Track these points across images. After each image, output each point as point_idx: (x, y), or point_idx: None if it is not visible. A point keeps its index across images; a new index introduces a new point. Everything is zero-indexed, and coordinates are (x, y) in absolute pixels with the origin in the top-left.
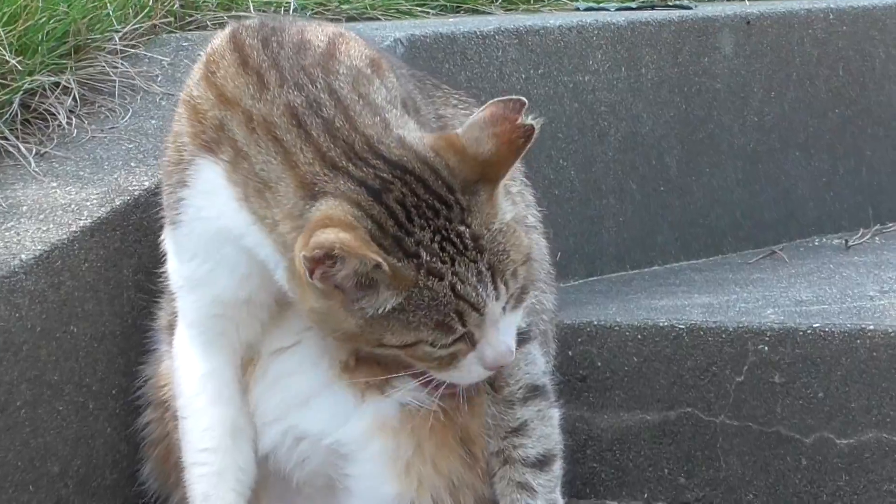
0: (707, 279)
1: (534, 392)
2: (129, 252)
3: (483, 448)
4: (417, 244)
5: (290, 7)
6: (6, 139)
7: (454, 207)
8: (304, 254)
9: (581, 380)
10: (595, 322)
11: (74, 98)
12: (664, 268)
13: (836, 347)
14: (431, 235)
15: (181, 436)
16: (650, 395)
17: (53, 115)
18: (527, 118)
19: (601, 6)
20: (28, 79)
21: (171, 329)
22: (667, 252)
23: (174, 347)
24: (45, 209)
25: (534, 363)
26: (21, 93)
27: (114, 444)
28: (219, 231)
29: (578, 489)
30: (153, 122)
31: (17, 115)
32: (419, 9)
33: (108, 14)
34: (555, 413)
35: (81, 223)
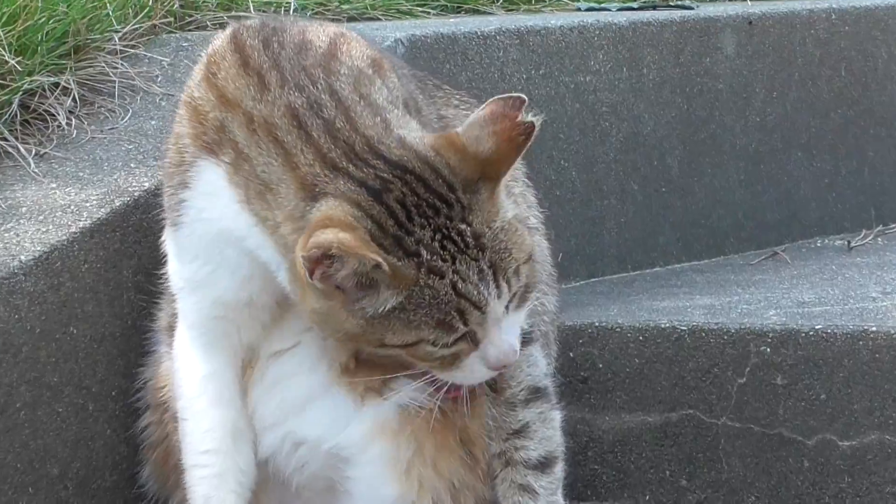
0: (709, 280)
1: (535, 394)
2: (129, 253)
3: (484, 450)
4: (418, 243)
5: (291, 7)
6: (5, 140)
7: (455, 206)
8: (304, 254)
9: (582, 381)
10: (596, 323)
11: (74, 99)
12: (666, 269)
13: (839, 349)
14: (432, 234)
15: (181, 437)
16: (652, 397)
17: (53, 116)
18: (527, 115)
19: (602, 6)
20: (27, 79)
21: (171, 330)
22: (668, 253)
23: (174, 349)
24: (45, 210)
25: (535, 365)
26: (20, 93)
27: (113, 446)
28: (220, 233)
29: (580, 491)
30: (153, 123)
31: (17, 116)
32: (420, 9)
33: (108, 14)
34: (556, 415)
35: (81, 224)
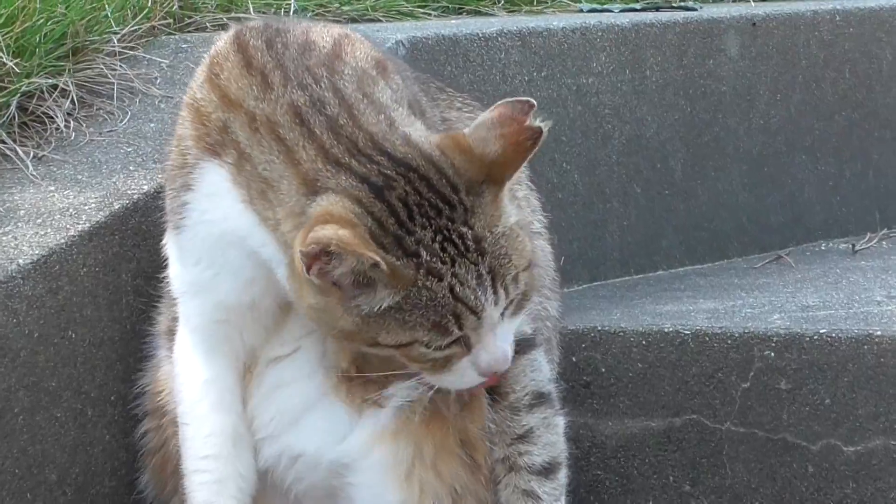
0: (712, 284)
1: (539, 399)
2: (128, 257)
3: (486, 455)
4: (418, 243)
5: (291, 9)
6: (3, 142)
7: (457, 208)
8: (302, 249)
9: (585, 386)
10: (599, 328)
11: (72, 101)
12: (669, 273)
13: (843, 353)
14: (433, 235)
15: (181, 442)
16: (655, 402)
17: (51, 118)
18: (535, 120)
19: (605, 8)
20: (25, 81)
21: (171, 335)
22: (671, 257)
23: (175, 353)
24: (43, 213)
25: (539, 370)
26: (18, 95)
27: (112, 452)
28: (223, 234)
29: (583, 497)
30: (152, 125)
31: (15, 118)
32: (421, 10)
33: (107, 16)
34: (560, 421)
35: (80, 227)
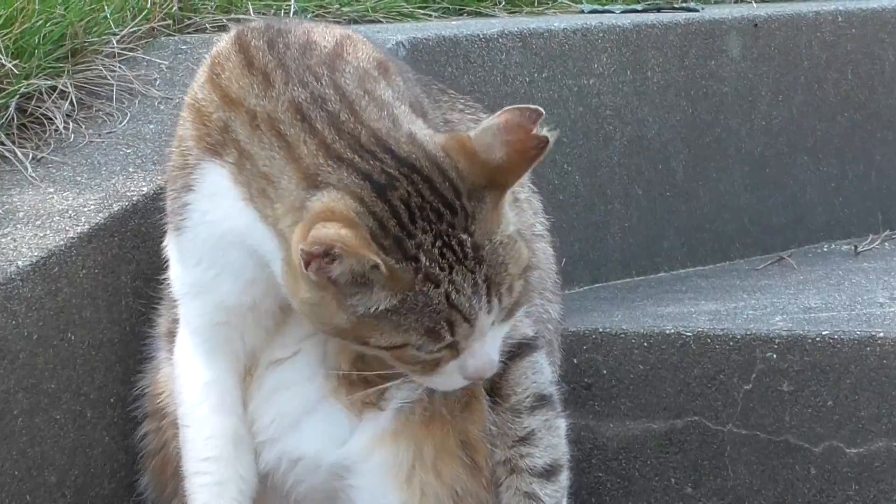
0: (714, 286)
1: (541, 401)
2: (128, 258)
3: (487, 457)
4: (418, 247)
5: (291, 10)
6: (2, 144)
7: (459, 213)
8: (303, 247)
9: (586, 388)
10: (600, 329)
11: (71, 102)
12: (670, 274)
13: (846, 355)
14: (433, 240)
15: (182, 444)
16: (656, 404)
17: (50, 120)
18: (542, 129)
19: (606, 8)
20: (24, 83)
21: (171, 336)
22: (673, 258)
23: (176, 355)
24: (42, 215)
25: (541, 372)
26: (17, 97)
27: (112, 454)
28: (224, 234)
29: (584, 499)
30: (151, 127)
31: (14, 120)
32: (421, 11)
33: (106, 17)
34: (562, 423)
35: (79, 229)
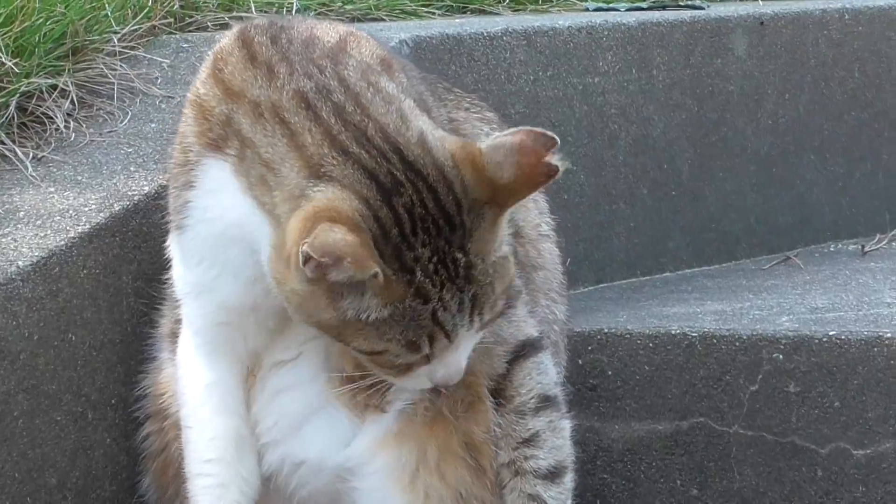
0: (720, 286)
1: (545, 403)
2: (129, 258)
3: (491, 459)
4: (416, 261)
5: (294, 7)
6: (2, 143)
7: (457, 229)
8: (310, 252)
9: (591, 389)
10: (605, 330)
11: (72, 101)
12: (676, 274)
13: (853, 356)
14: (430, 255)
15: (184, 446)
16: (662, 405)
17: (51, 119)
18: (554, 157)
19: (611, 6)
20: (25, 81)
21: (174, 337)
22: (678, 258)
23: (178, 355)
24: (43, 215)
25: (545, 373)
26: (18, 96)
27: (113, 456)
28: (224, 231)
29: (589, 501)
30: (153, 126)
31: (14, 119)
32: (424, 9)
33: (107, 15)
34: (566, 424)
35: (80, 229)
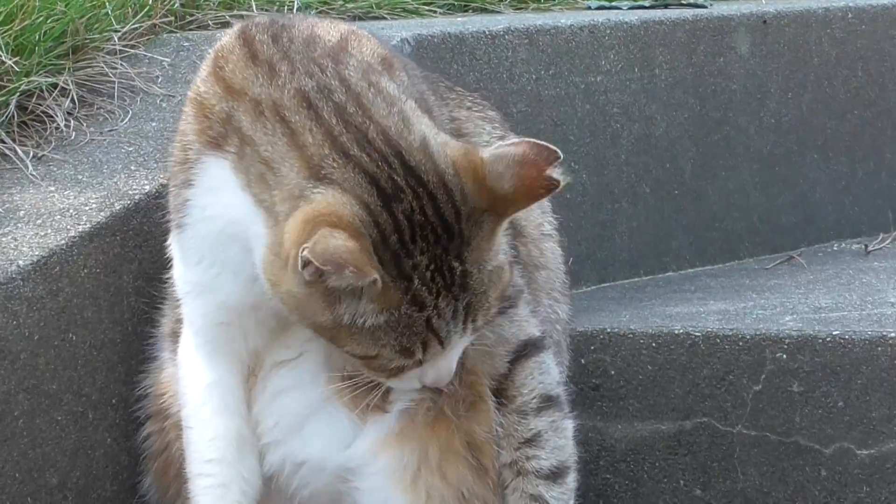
0: (723, 285)
1: (548, 402)
2: (130, 258)
3: (493, 459)
4: (414, 268)
5: (295, 6)
6: (3, 142)
7: (455, 238)
8: (310, 257)
9: (594, 389)
10: (608, 329)
11: (72, 100)
12: (679, 274)
13: (857, 355)
14: (427, 263)
15: (185, 446)
16: (665, 405)
17: (51, 118)
18: (555, 171)
19: (613, 5)
20: (25, 80)
21: (175, 336)
22: (681, 257)
23: (179, 355)
24: (43, 214)
25: (548, 373)
26: (18, 94)
27: (114, 455)
28: (224, 229)
29: (592, 501)
30: (153, 125)
31: (14, 118)
32: (426, 7)
33: (107, 13)
34: (569, 424)
35: (80, 228)
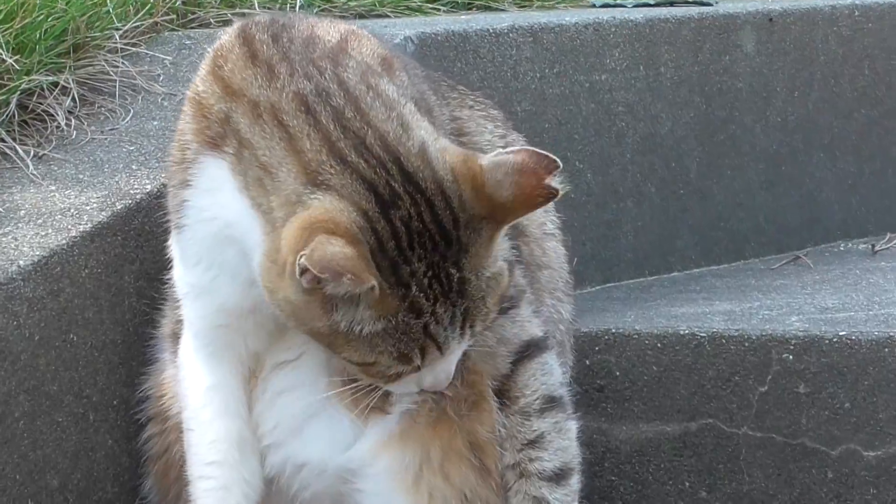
0: (729, 285)
1: (551, 403)
2: (131, 258)
3: (496, 460)
4: (412, 275)
5: (297, 4)
6: (3, 141)
7: (453, 245)
8: (308, 265)
9: (598, 390)
10: (613, 330)
11: (73, 98)
12: (684, 274)
13: (864, 356)
14: (425, 269)
15: (186, 448)
16: (670, 406)
17: (52, 116)
18: (554, 180)
19: (618, 3)
20: (25, 79)
21: (175, 338)
22: (687, 257)
23: (180, 357)
24: (44, 213)
25: (550, 374)
26: (18, 93)
27: (115, 457)
28: (221, 230)
29: (596, 503)
30: (155, 123)
31: (15, 117)
32: (430, 6)
33: (108, 11)
34: (572, 425)
35: (81, 228)
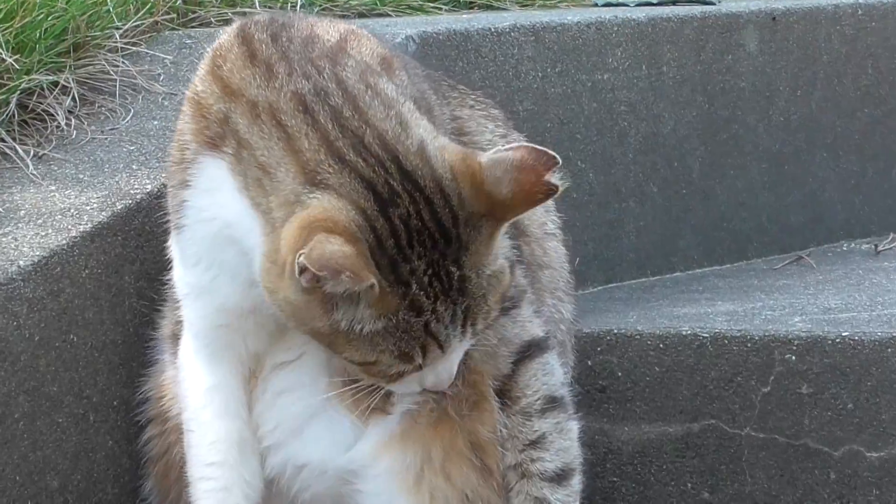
0: (731, 286)
1: (552, 404)
2: (131, 258)
3: (497, 460)
4: (411, 273)
5: (298, 3)
6: (3, 141)
7: (453, 243)
8: (307, 263)
9: (600, 390)
10: (615, 330)
11: (73, 98)
12: (686, 274)
13: (867, 357)
14: (425, 268)
15: (186, 449)
16: (672, 407)
17: (52, 116)
18: (554, 176)
19: (620, 2)
20: (25, 78)
21: (175, 338)
22: (689, 257)
23: (180, 358)
24: (44, 213)
25: (551, 374)
26: (18, 93)
27: (115, 458)
28: (220, 230)
29: None
30: (155, 123)
31: (14, 116)
32: (431, 4)
33: (109, 11)
34: (573, 426)
35: (81, 228)
